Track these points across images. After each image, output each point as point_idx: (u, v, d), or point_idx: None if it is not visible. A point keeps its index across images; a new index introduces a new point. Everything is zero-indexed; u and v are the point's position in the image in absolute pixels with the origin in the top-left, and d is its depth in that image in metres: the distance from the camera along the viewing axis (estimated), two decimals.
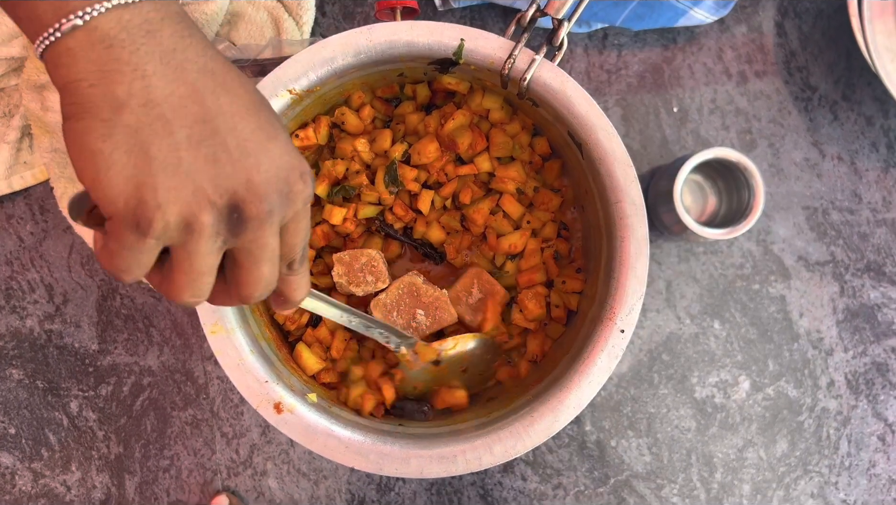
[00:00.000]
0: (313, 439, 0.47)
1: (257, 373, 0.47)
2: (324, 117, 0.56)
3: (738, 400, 0.67)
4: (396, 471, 0.46)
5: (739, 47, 0.68)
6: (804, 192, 0.68)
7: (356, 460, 0.47)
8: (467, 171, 0.56)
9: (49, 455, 0.66)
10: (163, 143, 0.29)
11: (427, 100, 0.57)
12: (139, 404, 0.67)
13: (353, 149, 0.55)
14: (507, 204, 0.56)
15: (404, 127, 0.57)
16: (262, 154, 0.31)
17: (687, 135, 0.68)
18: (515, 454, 0.47)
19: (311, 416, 0.47)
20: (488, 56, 0.48)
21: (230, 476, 0.67)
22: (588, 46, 0.68)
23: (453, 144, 0.55)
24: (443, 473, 0.47)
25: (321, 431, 0.47)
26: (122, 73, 0.28)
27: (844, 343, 0.67)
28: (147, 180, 0.28)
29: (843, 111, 0.68)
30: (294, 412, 0.47)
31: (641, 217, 0.48)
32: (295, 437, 0.47)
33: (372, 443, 0.47)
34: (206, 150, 0.30)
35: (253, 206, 0.30)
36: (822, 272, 0.68)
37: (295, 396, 0.48)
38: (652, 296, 0.67)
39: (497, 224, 0.56)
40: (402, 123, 0.57)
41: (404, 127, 0.57)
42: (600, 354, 0.48)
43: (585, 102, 0.48)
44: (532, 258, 0.56)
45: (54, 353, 0.67)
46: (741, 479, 0.67)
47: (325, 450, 0.47)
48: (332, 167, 0.55)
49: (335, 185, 0.56)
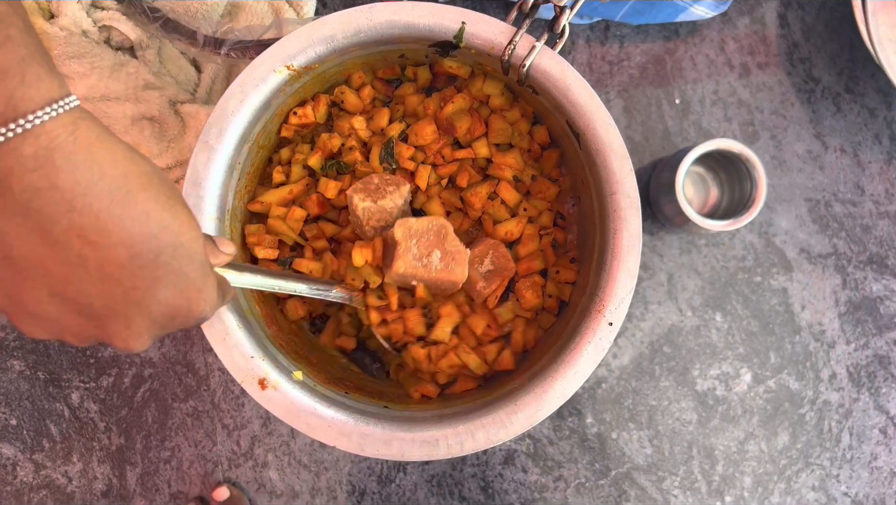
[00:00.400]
0: (297, 417, 0.47)
1: (243, 348, 0.47)
2: (323, 96, 0.55)
3: (740, 392, 0.67)
4: (378, 452, 0.46)
5: (742, 39, 0.68)
6: (806, 184, 0.68)
7: (339, 440, 0.46)
8: (464, 155, 0.56)
9: (50, 446, 0.67)
10: (29, 292, 0.30)
11: (428, 83, 0.57)
12: (140, 396, 0.67)
13: (350, 126, 0.55)
14: (503, 191, 0.56)
15: (403, 108, 0.57)
16: (135, 310, 0.32)
17: (689, 126, 0.67)
18: (498, 441, 0.47)
19: (296, 393, 0.47)
20: (489, 41, 0.48)
21: (231, 467, 0.67)
22: (590, 38, 0.67)
23: (451, 128, 0.55)
24: (424, 457, 0.46)
25: (305, 409, 0.47)
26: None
27: (846, 336, 0.67)
28: (14, 315, 0.31)
29: (846, 103, 0.68)
30: (278, 389, 0.47)
31: (636, 210, 0.48)
32: (278, 413, 0.47)
33: (355, 423, 0.47)
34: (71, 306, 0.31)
35: (121, 348, 0.33)
36: (824, 265, 0.67)
37: (280, 373, 0.48)
38: (654, 288, 0.67)
39: (494, 210, 0.56)
40: (402, 104, 0.57)
41: (403, 108, 0.57)
42: (587, 345, 0.48)
43: (585, 92, 0.48)
44: (529, 244, 0.56)
45: (55, 344, 0.67)
46: (742, 471, 0.67)
47: (308, 428, 0.46)
48: (328, 140, 0.55)
49: (329, 159, 0.56)
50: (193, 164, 0.48)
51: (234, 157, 0.50)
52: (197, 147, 0.48)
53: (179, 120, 0.61)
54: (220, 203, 0.49)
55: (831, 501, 0.67)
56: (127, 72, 0.59)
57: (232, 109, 0.48)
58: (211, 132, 0.48)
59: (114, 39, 0.60)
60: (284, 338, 0.54)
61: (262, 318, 0.52)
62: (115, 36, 0.60)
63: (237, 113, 0.48)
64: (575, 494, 0.66)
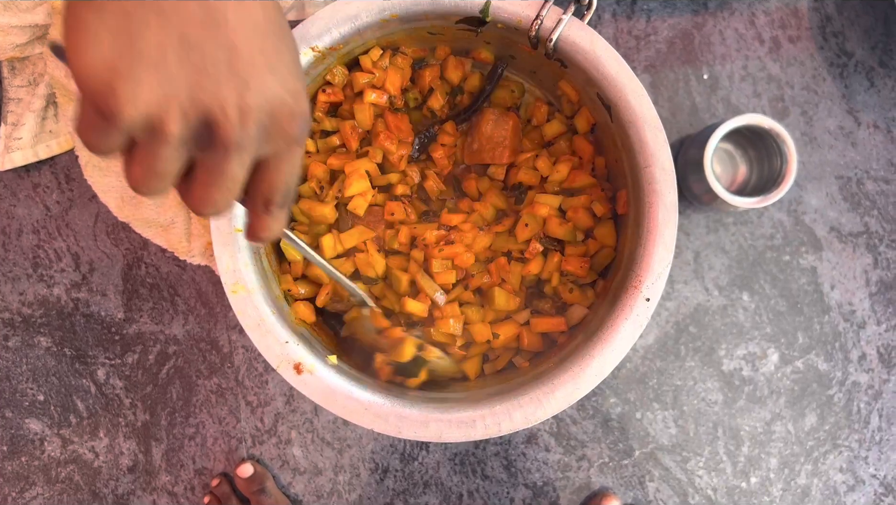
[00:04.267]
0: (333, 401, 0.47)
1: (278, 333, 0.47)
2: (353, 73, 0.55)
3: (767, 373, 0.66)
4: (415, 434, 0.46)
5: (773, 12, 0.66)
6: (838, 161, 0.66)
7: (375, 422, 0.46)
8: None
9: (77, 422, 0.67)
10: (151, 37, 0.27)
11: (475, 89, 0.57)
12: (165, 373, 0.67)
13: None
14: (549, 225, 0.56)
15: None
16: (253, 80, 0.29)
17: (717, 102, 0.66)
18: (535, 421, 0.46)
19: (332, 377, 0.47)
20: (516, 14, 0.47)
21: (255, 444, 0.67)
22: (616, 12, 0.66)
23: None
24: (462, 438, 0.46)
25: (341, 393, 0.47)
26: None
27: (877, 316, 0.66)
28: (123, 70, 0.26)
29: (880, 78, 0.66)
30: (314, 373, 0.47)
31: (671, 183, 0.47)
32: (315, 398, 0.47)
33: (391, 405, 0.47)
34: (195, 58, 0.27)
35: (224, 131, 0.28)
36: (855, 243, 0.66)
37: (316, 357, 0.47)
38: (680, 267, 0.66)
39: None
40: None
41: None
42: (624, 322, 0.47)
43: (616, 63, 0.47)
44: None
45: (81, 321, 0.67)
46: (768, 452, 0.66)
47: (345, 411, 0.46)
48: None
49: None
50: None
51: None
52: None
53: None
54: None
55: (859, 482, 0.66)
56: None
57: None
58: None
59: None
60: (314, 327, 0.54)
61: (294, 302, 0.53)
62: None
63: None
64: (598, 474, 0.66)
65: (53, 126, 0.65)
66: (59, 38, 0.56)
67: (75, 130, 0.29)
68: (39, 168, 0.67)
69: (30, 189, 0.67)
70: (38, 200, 0.67)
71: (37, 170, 0.67)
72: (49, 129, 0.65)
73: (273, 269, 0.53)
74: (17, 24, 0.61)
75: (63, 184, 0.67)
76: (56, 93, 0.63)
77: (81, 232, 0.67)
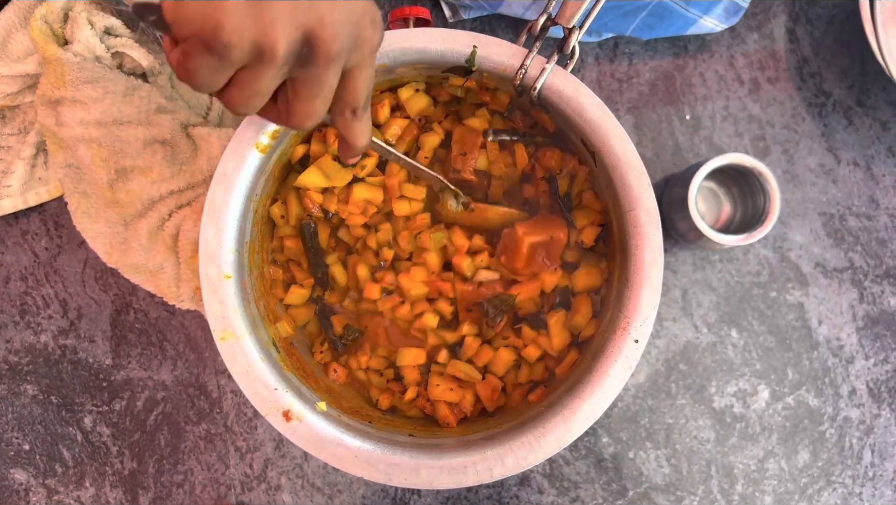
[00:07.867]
0: (322, 448, 0.46)
1: (266, 380, 0.47)
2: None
3: (758, 410, 0.66)
4: (406, 481, 0.46)
5: (751, 54, 0.68)
6: (820, 198, 0.67)
7: (366, 470, 0.46)
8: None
9: (63, 471, 0.66)
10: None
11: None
12: (153, 419, 0.66)
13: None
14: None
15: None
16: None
17: (700, 142, 0.67)
18: (527, 466, 0.46)
19: (321, 424, 0.47)
20: (501, 63, 0.48)
21: (244, 491, 0.66)
22: (599, 56, 0.68)
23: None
24: (453, 485, 0.46)
25: (330, 441, 0.46)
26: None
27: (865, 350, 0.66)
28: (227, 5, 0.29)
29: (858, 116, 0.68)
30: (303, 420, 0.47)
31: (656, 225, 0.48)
32: (304, 446, 0.46)
33: (381, 453, 0.47)
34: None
35: (323, 45, 0.31)
36: (840, 279, 0.67)
37: (304, 404, 0.47)
38: (668, 305, 0.66)
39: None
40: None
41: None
42: (614, 364, 0.47)
43: (599, 109, 0.48)
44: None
45: (68, 368, 0.67)
46: (763, 490, 0.65)
47: (335, 459, 0.46)
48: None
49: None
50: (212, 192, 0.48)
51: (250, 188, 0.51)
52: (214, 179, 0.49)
53: (191, 143, 0.62)
54: (239, 235, 0.50)
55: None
56: (139, 96, 0.59)
57: (248, 139, 0.49)
58: (228, 166, 0.49)
59: (126, 65, 0.61)
60: (305, 368, 0.54)
61: (282, 349, 0.52)
62: (128, 62, 0.60)
63: (251, 145, 0.49)
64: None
65: (43, 173, 0.65)
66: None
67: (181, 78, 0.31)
68: (28, 215, 0.67)
69: (18, 236, 0.67)
70: (27, 247, 0.67)
71: (25, 217, 0.67)
72: (38, 177, 0.65)
73: (262, 314, 0.53)
74: (9, 74, 0.61)
75: (52, 230, 0.67)
76: (46, 140, 0.63)
77: (70, 278, 0.67)
